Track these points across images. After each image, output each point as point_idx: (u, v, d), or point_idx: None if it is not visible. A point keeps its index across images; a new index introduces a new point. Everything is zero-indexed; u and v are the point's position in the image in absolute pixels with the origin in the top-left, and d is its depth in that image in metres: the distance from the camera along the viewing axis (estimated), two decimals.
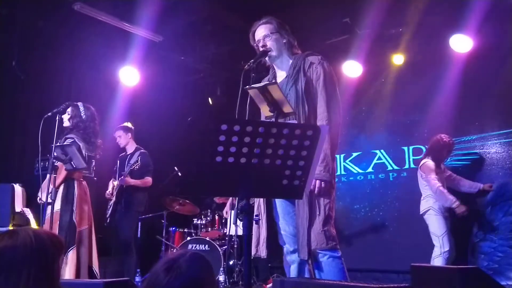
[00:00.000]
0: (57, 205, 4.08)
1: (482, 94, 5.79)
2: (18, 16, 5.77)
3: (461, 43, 5.68)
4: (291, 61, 3.09)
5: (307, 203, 2.79)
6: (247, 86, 2.67)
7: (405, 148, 6.46)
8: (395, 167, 6.54)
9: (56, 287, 1.62)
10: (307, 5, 5.60)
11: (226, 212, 6.26)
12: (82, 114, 4.41)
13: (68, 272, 3.96)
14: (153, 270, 1.56)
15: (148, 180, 5.64)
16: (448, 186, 5.42)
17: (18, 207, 4.72)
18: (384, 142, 6.64)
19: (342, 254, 2.88)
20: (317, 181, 2.79)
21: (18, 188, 4.79)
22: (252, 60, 2.85)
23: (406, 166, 6.42)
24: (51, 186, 3.92)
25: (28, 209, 4.75)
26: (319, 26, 5.97)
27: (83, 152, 4.25)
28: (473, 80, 5.79)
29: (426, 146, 6.29)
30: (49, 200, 3.94)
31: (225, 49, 6.87)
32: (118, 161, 5.78)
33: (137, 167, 5.41)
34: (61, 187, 4.18)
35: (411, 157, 6.41)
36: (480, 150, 5.84)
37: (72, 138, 4.22)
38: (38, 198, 4.30)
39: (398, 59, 6.28)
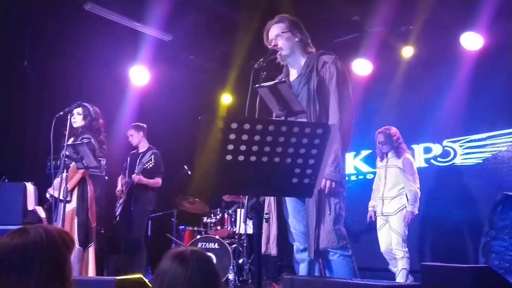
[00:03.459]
0: (73, 204, 4.17)
1: (493, 92, 5.74)
2: (29, 16, 5.82)
3: (472, 41, 5.64)
4: (304, 59, 3.08)
5: (316, 203, 2.79)
6: (257, 85, 2.67)
7: (415, 146, 6.42)
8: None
9: (67, 284, 1.62)
10: (317, 4, 5.59)
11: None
12: (92, 113, 4.47)
13: (91, 269, 4.14)
14: (163, 269, 1.59)
15: (158, 180, 5.66)
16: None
17: (30, 205, 4.78)
18: None
19: (352, 253, 2.88)
20: (328, 181, 2.79)
21: (30, 187, 4.85)
22: (261, 59, 2.86)
23: (416, 165, 6.37)
24: (63, 185, 3.97)
25: (40, 207, 4.81)
26: (328, 24, 5.96)
27: (97, 151, 4.33)
28: (483, 78, 5.75)
29: (437, 144, 6.27)
30: (62, 198, 4.00)
31: (234, 48, 6.87)
32: (129, 158, 5.80)
33: (150, 165, 5.43)
34: (76, 186, 4.26)
35: (422, 155, 6.38)
36: (491, 149, 5.80)
37: (89, 138, 4.29)
38: (49, 194, 4.36)
39: (404, 53, 6.24)
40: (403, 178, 5.12)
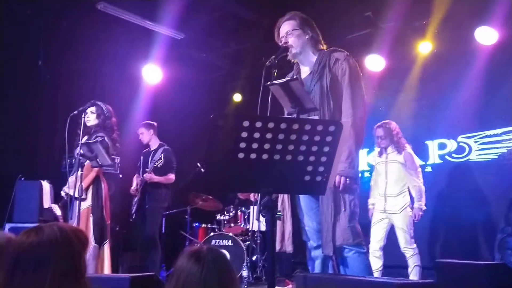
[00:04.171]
0: (88, 202, 4.22)
1: (508, 87, 5.66)
2: (43, 16, 5.88)
3: (487, 35, 5.57)
4: (315, 57, 3.07)
5: (332, 199, 2.79)
6: (269, 83, 2.67)
7: (429, 142, 6.37)
8: (419, 162, 6.44)
9: (82, 282, 1.64)
10: (329, 0, 5.56)
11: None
12: (105, 112, 4.51)
13: (106, 265, 4.20)
14: (179, 268, 1.60)
15: (171, 177, 5.71)
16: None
17: (46, 203, 4.84)
18: (408, 136, 6.54)
19: (366, 250, 2.88)
20: (342, 178, 2.79)
21: (46, 185, 4.91)
22: (273, 57, 2.85)
23: (431, 161, 6.34)
24: (78, 183, 4.01)
25: (56, 205, 4.86)
26: (341, 20, 5.93)
27: (110, 149, 4.37)
28: (498, 73, 5.68)
29: (452, 140, 6.21)
30: (77, 196, 4.05)
31: (246, 45, 6.88)
32: (142, 157, 5.87)
33: (160, 164, 5.47)
34: (91, 184, 4.30)
35: (436, 152, 6.32)
36: (506, 144, 5.72)
37: (102, 136, 4.34)
38: (64, 192, 4.41)
39: (420, 48, 6.17)
40: (406, 174, 5.02)
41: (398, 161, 5.06)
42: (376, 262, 4.94)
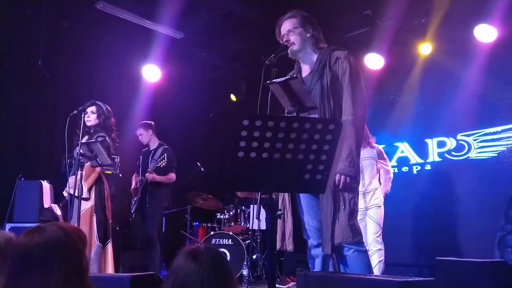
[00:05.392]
0: (91, 201, 4.23)
1: (507, 85, 5.67)
2: (43, 16, 5.88)
3: (486, 33, 5.57)
4: (316, 55, 3.06)
5: (331, 198, 2.79)
6: (268, 81, 2.67)
7: (429, 141, 6.38)
8: (419, 160, 6.47)
9: (85, 281, 1.64)
10: None
11: None
12: (105, 112, 4.52)
13: (109, 264, 4.23)
14: (176, 267, 1.61)
15: (172, 176, 5.71)
16: None
17: (46, 203, 4.84)
18: (407, 135, 6.57)
19: (366, 248, 2.88)
20: (342, 176, 2.78)
21: (46, 185, 4.92)
22: (272, 55, 2.85)
23: (430, 159, 6.34)
24: (78, 183, 4.01)
25: (56, 205, 4.87)
26: (340, 18, 5.93)
27: (111, 149, 4.38)
28: (498, 71, 5.68)
29: (451, 138, 6.21)
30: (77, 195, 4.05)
31: (246, 44, 6.88)
32: (141, 157, 5.86)
33: (163, 164, 5.47)
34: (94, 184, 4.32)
35: (436, 150, 6.33)
36: (506, 142, 5.73)
37: (103, 136, 4.34)
38: (67, 193, 4.42)
39: (421, 50, 6.19)
40: (377, 166, 5.10)
41: (372, 157, 5.09)
42: None
